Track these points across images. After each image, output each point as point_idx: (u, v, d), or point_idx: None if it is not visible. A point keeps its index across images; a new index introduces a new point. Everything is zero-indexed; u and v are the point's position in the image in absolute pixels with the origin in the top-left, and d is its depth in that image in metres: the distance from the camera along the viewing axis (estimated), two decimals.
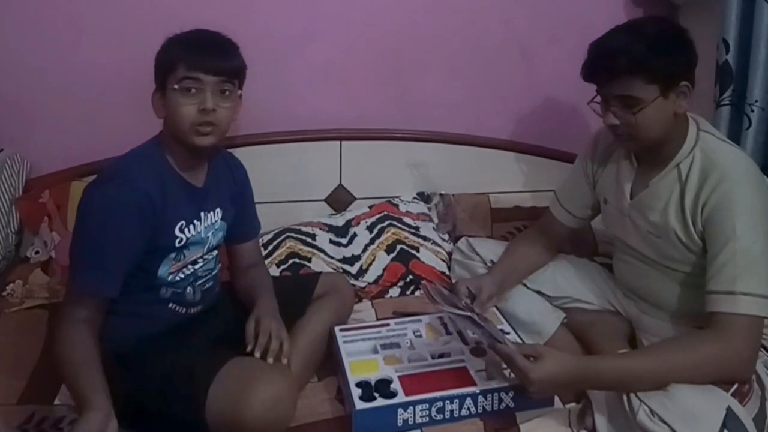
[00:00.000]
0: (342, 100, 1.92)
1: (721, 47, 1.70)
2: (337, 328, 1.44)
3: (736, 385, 1.13)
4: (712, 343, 1.15)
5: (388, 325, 1.47)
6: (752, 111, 1.64)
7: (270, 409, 1.11)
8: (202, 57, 1.22)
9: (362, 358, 1.35)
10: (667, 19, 1.41)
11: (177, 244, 1.28)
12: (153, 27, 1.28)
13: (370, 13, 1.86)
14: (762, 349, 1.27)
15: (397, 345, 1.41)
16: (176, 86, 1.21)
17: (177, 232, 1.27)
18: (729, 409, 1.07)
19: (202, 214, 1.33)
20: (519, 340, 1.39)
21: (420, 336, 1.44)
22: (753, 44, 1.62)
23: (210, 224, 1.35)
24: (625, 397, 1.12)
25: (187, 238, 1.29)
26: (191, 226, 1.30)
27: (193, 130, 1.23)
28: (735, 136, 1.68)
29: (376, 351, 1.38)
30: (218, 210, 1.37)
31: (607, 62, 1.22)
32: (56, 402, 1.31)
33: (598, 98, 1.28)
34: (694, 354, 1.15)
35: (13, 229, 1.73)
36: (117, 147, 1.34)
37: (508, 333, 1.41)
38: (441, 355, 1.37)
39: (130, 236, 1.20)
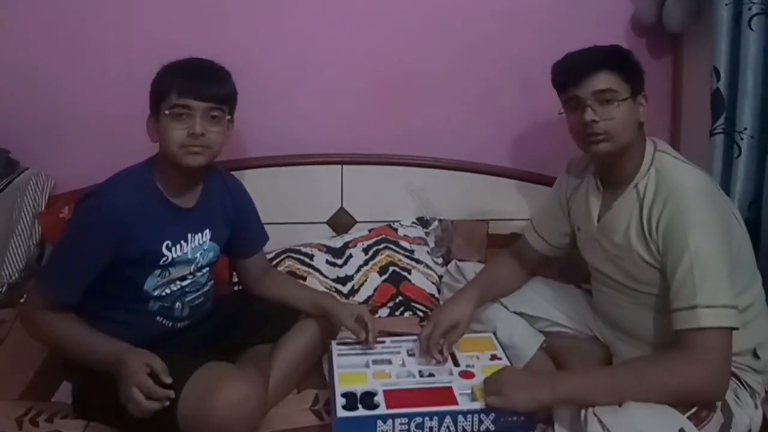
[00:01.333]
0: (344, 125, 2.00)
1: (712, 75, 1.71)
2: (334, 342, 1.48)
3: (694, 409, 1.12)
4: (680, 361, 1.15)
5: (383, 342, 1.50)
6: (741, 139, 1.63)
7: (235, 409, 1.15)
8: (191, 84, 1.30)
9: (352, 371, 1.39)
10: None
11: (162, 262, 1.34)
12: (169, 56, 1.38)
13: (372, 43, 1.95)
14: (731, 377, 1.25)
15: (389, 362, 1.43)
16: (167, 112, 1.29)
17: (164, 250, 1.34)
18: (682, 431, 1.07)
19: (189, 235, 1.38)
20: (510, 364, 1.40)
21: (413, 355, 1.46)
22: (740, 72, 1.63)
23: (198, 245, 1.40)
24: (582, 411, 1.13)
25: (173, 258, 1.35)
26: (177, 246, 1.36)
27: (183, 152, 1.30)
28: (728, 164, 1.67)
29: (367, 365, 1.41)
30: (207, 231, 1.42)
31: (587, 60, 1.31)
32: (54, 399, 1.40)
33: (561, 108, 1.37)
34: (663, 371, 1.15)
35: (34, 242, 1.86)
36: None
37: (500, 358, 1.43)
38: (430, 374, 1.39)
39: (96, 252, 1.28)
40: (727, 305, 1.15)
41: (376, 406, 1.27)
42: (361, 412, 1.25)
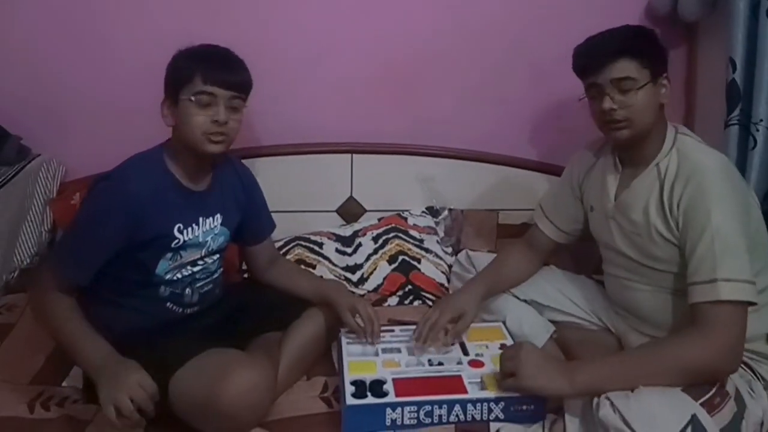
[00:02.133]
0: (354, 114, 1.99)
1: (728, 66, 1.69)
2: (343, 330, 1.48)
3: (708, 395, 1.12)
4: (696, 335, 1.16)
5: (392, 331, 1.50)
6: (757, 130, 1.61)
7: (244, 396, 1.15)
8: (217, 71, 1.31)
9: (362, 359, 1.39)
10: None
11: (173, 245, 1.35)
12: (177, 45, 1.38)
13: (383, 33, 1.94)
14: (745, 368, 1.25)
15: (398, 350, 1.43)
16: (193, 98, 1.29)
17: (176, 233, 1.34)
18: (694, 417, 1.07)
19: (200, 218, 1.40)
20: None
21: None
22: (758, 62, 1.61)
23: (209, 229, 1.42)
24: (595, 398, 1.13)
25: (185, 241, 1.36)
26: (189, 230, 1.37)
27: (205, 138, 1.31)
28: (743, 156, 1.66)
29: (377, 354, 1.41)
30: (218, 216, 1.44)
31: (606, 48, 1.31)
32: (64, 384, 1.41)
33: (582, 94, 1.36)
34: (678, 347, 1.17)
35: (46, 228, 1.87)
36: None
37: None
38: (440, 363, 1.38)
39: (109, 234, 1.29)
40: (746, 280, 1.16)
41: (385, 394, 1.27)
42: (371, 399, 1.26)
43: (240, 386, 1.16)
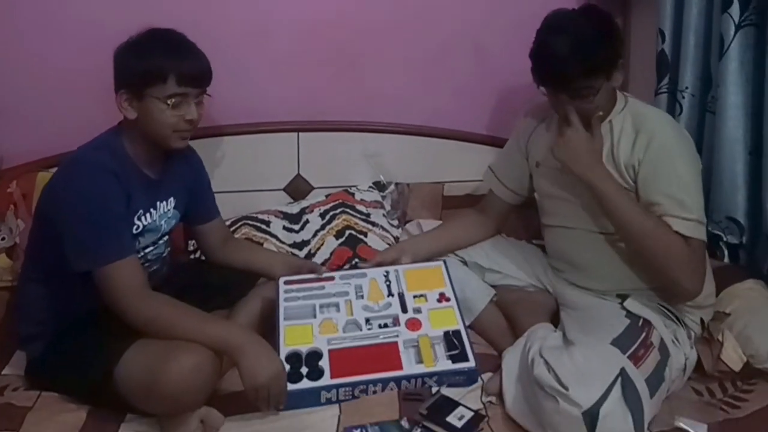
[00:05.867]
0: (299, 93, 1.98)
1: (658, 37, 1.76)
2: (281, 280, 1.47)
3: (632, 349, 1.19)
4: (684, 245, 1.30)
5: (332, 279, 1.50)
6: (683, 97, 1.69)
7: (187, 378, 1.16)
8: (190, 72, 1.30)
9: (298, 323, 1.39)
10: (591, 6, 1.48)
11: (134, 232, 1.34)
12: (115, 23, 1.35)
13: (327, 9, 1.93)
14: (673, 319, 1.33)
15: (336, 307, 1.44)
16: (168, 101, 1.28)
17: (135, 220, 1.34)
18: (623, 370, 1.13)
19: (157, 202, 1.40)
20: (457, 305, 1.44)
21: (362, 297, 1.46)
22: (684, 34, 1.67)
23: (163, 212, 1.42)
24: (530, 355, 1.18)
25: (144, 226, 1.36)
26: (147, 215, 1.37)
27: (175, 135, 1.32)
28: None
29: (314, 314, 1.42)
30: (171, 199, 1.45)
31: (562, 71, 1.32)
32: (4, 372, 1.39)
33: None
34: (671, 239, 1.30)
35: None
36: (82, 140, 1.41)
37: (448, 299, 1.45)
38: (379, 326, 1.40)
39: (117, 197, 1.27)
40: (699, 220, 1.31)
41: (320, 373, 1.29)
42: (305, 384, 1.27)
43: (183, 369, 1.16)
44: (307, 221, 1.87)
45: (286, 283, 1.48)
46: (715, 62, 1.61)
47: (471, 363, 1.33)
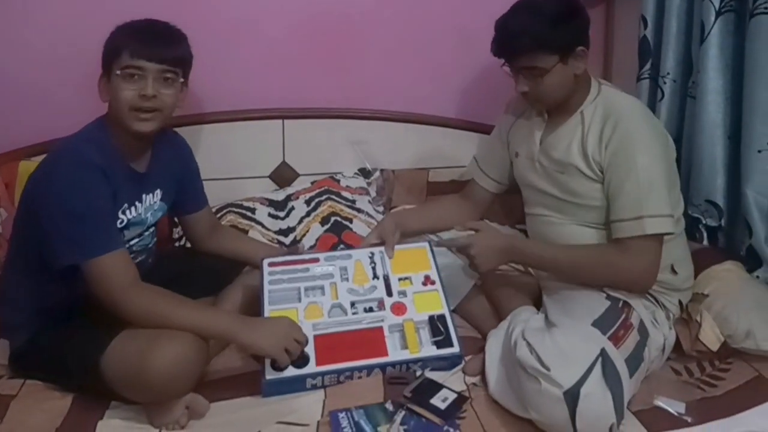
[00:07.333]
0: (285, 80, 1.98)
1: (640, 23, 1.77)
2: (266, 262, 1.46)
3: (613, 329, 1.21)
4: (623, 261, 1.32)
5: (317, 260, 1.49)
6: (665, 83, 1.71)
7: (173, 367, 1.16)
8: (145, 45, 1.28)
9: (283, 307, 1.38)
10: None
11: (119, 225, 1.33)
12: (99, 9, 1.34)
13: None
14: (650, 299, 1.35)
15: (321, 290, 1.43)
16: (119, 72, 1.27)
17: (119, 213, 1.33)
18: (603, 351, 1.15)
19: (143, 195, 1.39)
20: (442, 289, 1.45)
21: (347, 279, 1.46)
22: (665, 20, 1.69)
23: (149, 205, 1.41)
24: (513, 337, 1.20)
25: (128, 220, 1.35)
26: (132, 208, 1.36)
27: (132, 115, 1.28)
28: (652, 107, 1.75)
29: (299, 298, 1.40)
30: (158, 191, 1.43)
31: (512, 42, 1.36)
32: None
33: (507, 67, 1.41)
34: (606, 267, 1.34)
35: None
36: (64, 128, 1.41)
37: (433, 282, 1.46)
38: (364, 310, 1.40)
39: (101, 191, 1.25)
40: (667, 214, 1.30)
41: (306, 360, 1.29)
42: (290, 372, 1.27)
43: (168, 357, 1.16)
44: (293, 208, 1.88)
45: (270, 264, 1.46)
46: (696, 48, 1.63)
47: (456, 349, 1.34)
